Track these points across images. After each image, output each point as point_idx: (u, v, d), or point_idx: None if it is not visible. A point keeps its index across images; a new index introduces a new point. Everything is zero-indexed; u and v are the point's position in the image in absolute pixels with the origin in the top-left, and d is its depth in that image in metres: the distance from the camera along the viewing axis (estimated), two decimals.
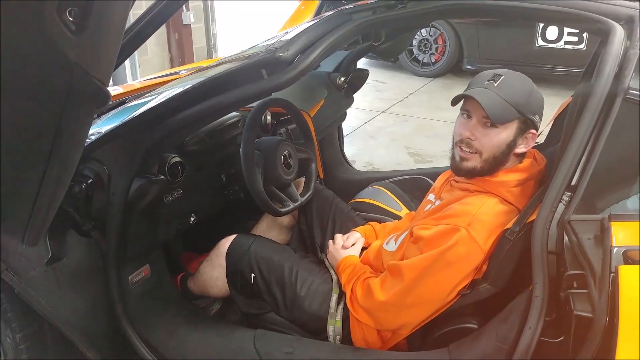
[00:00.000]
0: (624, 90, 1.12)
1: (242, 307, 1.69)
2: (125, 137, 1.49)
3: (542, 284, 1.12)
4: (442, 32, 6.22)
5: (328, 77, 2.55)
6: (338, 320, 1.53)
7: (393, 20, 1.56)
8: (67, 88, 0.90)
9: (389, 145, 4.31)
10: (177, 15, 5.55)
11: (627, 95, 1.12)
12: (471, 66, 6.06)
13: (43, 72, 0.89)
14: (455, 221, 1.36)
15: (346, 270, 1.60)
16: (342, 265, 1.63)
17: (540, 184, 1.43)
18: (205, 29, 5.99)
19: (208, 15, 5.96)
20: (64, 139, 0.97)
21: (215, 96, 1.37)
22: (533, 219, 1.22)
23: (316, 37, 1.39)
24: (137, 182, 1.47)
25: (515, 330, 1.16)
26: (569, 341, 1.08)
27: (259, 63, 1.35)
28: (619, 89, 1.13)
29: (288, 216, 2.00)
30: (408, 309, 1.41)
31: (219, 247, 1.70)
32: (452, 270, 1.36)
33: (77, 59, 0.88)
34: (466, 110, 1.43)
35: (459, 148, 1.44)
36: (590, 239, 1.06)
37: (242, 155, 1.64)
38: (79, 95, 0.92)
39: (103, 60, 0.93)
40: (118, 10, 0.90)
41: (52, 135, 0.95)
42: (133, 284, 1.64)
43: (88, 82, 0.90)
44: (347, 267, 1.60)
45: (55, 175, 1.02)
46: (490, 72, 1.41)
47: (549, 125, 1.93)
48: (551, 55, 5.53)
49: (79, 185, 1.47)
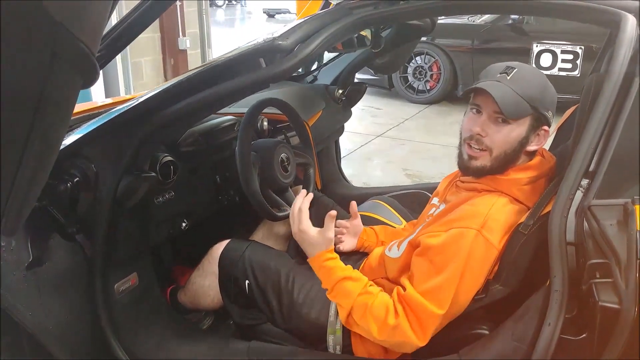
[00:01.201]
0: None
1: (235, 317, 1.59)
2: (115, 133, 1.42)
3: (561, 277, 1.04)
4: (436, 60, 6.27)
5: (326, 89, 2.52)
6: (338, 329, 1.43)
7: (394, 15, 1.51)
8: (51, 51, 0.83)
9: (385, 167, 4.26)
10: (174, 41, 5.57)
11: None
12: None
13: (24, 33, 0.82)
14: (467, 223, 1.27)
15: (333, 282, 1.35)
16: (319, 267, 1.38)
17: (552, 182, 1.36)
18: (201, 54, 6.01)
19: (204, 42, 5.99)
20: (46, 111, 0.90)
21: (211, 87, 1.30)
22: (547, 211, 1.15)
23: (316, 27, 1.34)
24: (126, 179, 1.39)
25: (533, 328, 1.07)
26: (593, 338, 0.99)
27: (257, 51, 1.29)
28: (637, 70, 1.08)
29: (285, 225, 1.91)
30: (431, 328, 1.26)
31: (211, 253, 1.61)
32: (474, 279, 1.26)
33: (62, 18, 0.81)
34: (476, 104, 1.35)
35: (468, 145, 1.36)
36: (613, 224, 0.98)
37: (238, 154, 1.57)
38: (63, 60, 0.85)
39: (89, 21, 0.86)
40: None
41: (33, 106, 0.88)
42: (119, 293, 1.55)
43: (73, 45, 0.84)
44: (335, 281, 1.34)
45: (35, 152, 0.94)
46: (502, 64, 1.34)
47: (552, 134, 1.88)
48: None
49: (64, 183, 1.39)
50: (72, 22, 0.82)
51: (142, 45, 5.29)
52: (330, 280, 1.36)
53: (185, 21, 5.69)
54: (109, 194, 1.40)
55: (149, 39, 5.40)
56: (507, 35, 5.93)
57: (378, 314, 1.27)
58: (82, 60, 0.88)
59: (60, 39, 0.83)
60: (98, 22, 0.89)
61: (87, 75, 0.92)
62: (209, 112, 1.41)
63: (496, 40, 6.01)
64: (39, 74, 0.85)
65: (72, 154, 1.41)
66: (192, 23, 5.89)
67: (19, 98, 0.88)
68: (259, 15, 19.80)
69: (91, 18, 0.87)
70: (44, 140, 0.95)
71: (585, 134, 1.09)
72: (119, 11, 4.03)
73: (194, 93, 1.32)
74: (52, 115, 0.93)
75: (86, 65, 0.90)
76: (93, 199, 1.42)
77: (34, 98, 0.88)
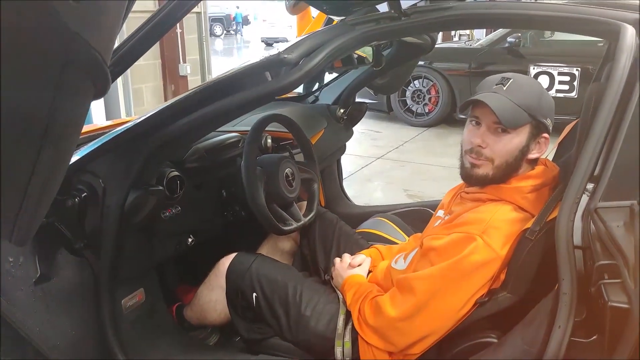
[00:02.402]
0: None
1: (243, 332, 1.58)
2: (123, 148, 1.43)
3: (569, 279, 1.04)
4: (434, 83, 6.35)
5: (328, 109, 2.54)
6: (347, 342, 1.43)
7: (396, 31, 1.54)
8: (64, 60, 0.84)
9: (386, 188, 4.28)
10: (174, 67, 5.64)
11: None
12: (464, 116, 6.12)
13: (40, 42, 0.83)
14: (469, 229, 1.29)
15: (352, 289, 1.50)
16: (347, 284, 1.54)
17: (555, 190, 1.38)
18: (201, 81, 6.07)
19: (204, 68, 6.07)
20: (59, 119, 0.91)
21: (217, 100, 1.32)
22: (553, 216, 1.16)
23: (321, 42, 1.37)
24: (134, 194, 1.41)
25: (543, 332, 1.07)
26: (603, 340, 0.99)
27: (262, 65, 1.32)
28: (638, 77, 1.10)
29: (289, 241, 1.92)
30: (421, 324, 1.31)
31: (219, 267, 1.61)
32: (467, 280, 1.27)
33: (78, 28, 0.83)
34: (475, 116, 1.37)
35: (469, 156, 1.38)
36: (619, 226, 0.99)
37: (244, 168, 1.58)
38: (77, 68, 0.86)
39: (104, 32, 0.88)
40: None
41: (46, 114, 0.89)
42: (126, 309, 1.55)
43: (87, 53, 0.85)
44: (352, 286, 1.51)
45: (48, 161, 0.95)
46: (497, 76, 1.37)
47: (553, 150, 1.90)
48: None
49: (71, 199, 1.40)
50: (87, 30, 0.84)
51: (143, 72, 5.36)
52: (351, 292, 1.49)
53: (186, 48, 5.77)
54: (117, 209, 1.41)
55: (150, 65, 5.47)
56: (504, 58, 6.02)
57: (372, 299, 1.41)
58: (96, 69, 0.89)
59: (75, 48, 0.84)
60: (112, 31, 0.91)
61: (100, 84, 0.94)
62: (216, 126, 1.43)
63: (493, 64, 6.09)
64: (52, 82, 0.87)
65: (79, 170, 1.42)
66: (193, 50, 5.97)
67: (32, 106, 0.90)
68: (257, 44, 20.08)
69: (105, 27, 0.89)
70: (56, 149, 0.96)
71: (589, 140, 1.11)
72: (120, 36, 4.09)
73: (200, 107, 1.34)
74: (65, 123, 0.94)
75: (99, 74, 0.91)
76: (100, 214, 1.43)
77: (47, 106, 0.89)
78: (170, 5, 1.43)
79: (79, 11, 0.83)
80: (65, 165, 1.03)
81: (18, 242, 1.07)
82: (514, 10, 1.49)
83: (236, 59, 15.34)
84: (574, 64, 5.68)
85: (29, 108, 0.89)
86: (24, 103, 0.88)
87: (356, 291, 1.48)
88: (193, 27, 5.94)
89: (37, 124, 0.90)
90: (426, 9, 1.54)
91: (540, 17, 1.44)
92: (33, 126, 0.90)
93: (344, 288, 1.53)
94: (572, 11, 1.40)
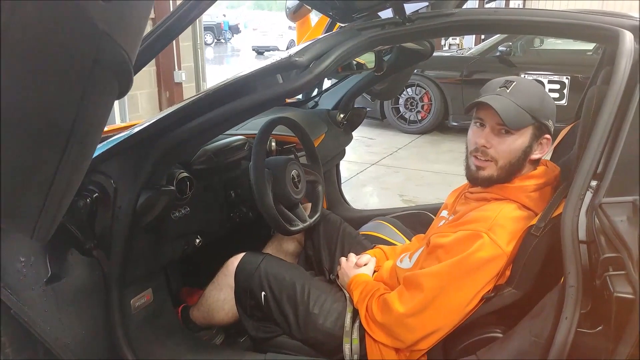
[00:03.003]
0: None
1: (250, 330, 1.60)
2: (134, 149, 1.46)
3: (575, 273, 1.08)
4: (427, 91, 6.42)
5: (328, 114, 2.58)
6: (355, 339, 1.46)
7: (401, 36, 1.59)
8: (93, 59, 0.87)
9: (381, 193, 4.32)
10: (169, 74, 5.66)
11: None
12: (456, 123, 6.23)
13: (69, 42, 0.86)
14: (475, 226, 1.33)
15: (358, 287, 1.53)
16: (353, 282, 1.57)
17: (557, 189, 1.42)
18: (196, 88, 6.10)
19: (199, 75, 6.09)
20: (85, 118, 0.94)
21: (229, 102, 1.35)
22: (558, 213, 1.20)
23: (330, 46, 1.41)
24: (146, 194, 1.43)
25: (550, 324, 1.11)
26: (609, 330, 1.03)
27: (274, 68, 1.35)
28: (638, 78, 1.15)
29: (294, 242, 1.95)
30: (428, 320, 1.34)
31: (227, 266, 1.64)
32: (474, 276, 1.31)
33: (106, 27, 0.86)
34: (479, 118, 1.41)
35: (474, 157, 1.42)
36: (623, 220, 1.03)
37: (253, 169, 1.62)
38: (104, 67, 0.89)
39: (131, 32, 0.91)
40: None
41: (73, 112, 0.92)
42: (135, 309, 1.56)
43: (115, 53, 0.88)
44: (359, 285, 1.54)
45: (73, 158, 0.97)
46: (501, 79, 1.42)
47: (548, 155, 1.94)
48: None
49: (83, 199, 1.42)
50: (115, 30, 0.87)
51: (138, 79, 5.30)
52: (358, 290, 1.52)
53: (181, 55, 5.79)
54: (128, 209, 1.43)
55: (145, 72, 5.48)
56: (495, 67, 6.11)
57: (380, 297, 1.44)
58: (122, 67, 0.92)
59: (103, 47, 0.87)
60: (138, 31, 0.94)
61: (124, 82, 0.97)
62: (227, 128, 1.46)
63: (485, 72, 6.17)
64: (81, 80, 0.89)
65: (90, 171, 1.43)
66: (187, 57, 5.99)
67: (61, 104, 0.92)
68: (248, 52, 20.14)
69: (132, 28, 0.92)
70: (81, 147, 0.98)
71: (592, 139, 1.15)
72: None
73: (212, 109, 1.37)
74: (90, 122, 0.97)
75: (124, 72, 0.94)
76: (111, 215, 1.45)
77: (75, 105, 0.91)
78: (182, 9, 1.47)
79: (108, 11, 0.86)
80: (87, 163, 1.05)
81: (39, 239, 1.09)
82: (515, 16, 1.54)
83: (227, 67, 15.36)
84: (564, 72, 5.78)
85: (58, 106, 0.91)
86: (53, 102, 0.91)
87: (363, 289, 1.51)
88: (188, 34, 5.97)
89: (64, 122, 0.92)
90: (429, 15, 1.58)
91: (541, 23, 1.49)
92: (61, 124, 0.93)
93: (351, 287, 1.56)
94: (572, 17, 1.45)
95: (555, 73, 5.82)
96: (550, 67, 5.92)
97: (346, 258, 1.69)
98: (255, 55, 19.61)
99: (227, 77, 1.48)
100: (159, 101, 5.72)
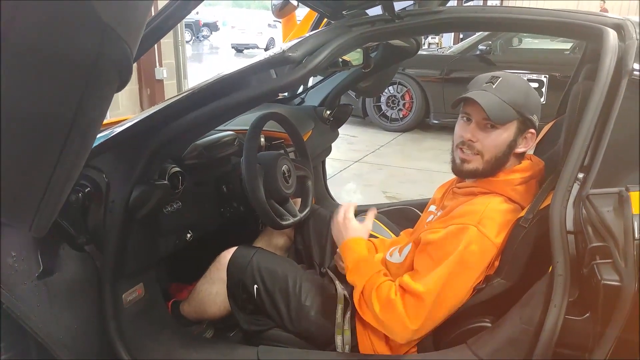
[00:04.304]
0: (629, 72, 1.19)
1: (243, 324, 1.61)
2: (127, 144, 1.46)
3: (563, 262, 1.13)
4: (408, 89, 6.48)
5: (314, 110, 2.61)
6: (347, 330, 1.48)
7: (390, 33, 1.61)
8: (97, 52, 0.88)
9: (365, 190, 4.36)
10: (150, 71, 5.61)
11: (632, 76, 1.19)
12: (437, 121, 6.31)
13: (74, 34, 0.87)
14: (464, 220, 1.36)
15: (355, 261, 1.45)
16: (348, 248, 1.49)
17: (542, 183, 1.46)
18: (177, 85, 6.06)
19: (180, 72, 6.05)
20: (86, 111, 0.94)
21: (223, 97, 1.36)
22: (546, 205, 1.24)
23: (322, 41, 1.43)
24: (139, 188, 1.43)
25: (540, 311, 1.15)
26: (596, 316, 1.07)
27: (267, 63, 1.37)
28: (624, 71, 1.19)
29: (283, 237, 1.97)
30: (428, 320, 1.34)
31: (220, 260, 1.65)
32: (469, 271, 1.34)
33: (110, 21, 0.87)
34: (466, 113, 1.45)
35: (460, 150, 1.46)
36: (610, 210, 1.08)
37: (245, 164, 1.63)
38: (107, 60, 0.90)
39: (133, 26, 0.92)
40: None
41: (75, 105, 0.92)
42: (127, 303, 1.56)
43: (119, 47, 0.89)
44: (357, 261, 1.45)
45: (74, 151, 0.98)
46: (488, 74, 1.45)
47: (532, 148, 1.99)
48: None
49: (75, 194, 1.42)
50: (118, 24, 0.88)
51: None
52: (352, 259, 1.46)
53: (162, 52, 5.75)
54: (121, 203, 1.43)
55: None
56: (475, 65, 6.19)
57: (382, 292, 1.37)
58: (123, 61, 0.93)
59: (107, 40, 0.88)
60: (140, 26, 0.95)
61: (124, 75, 0.98)
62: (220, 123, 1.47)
63: (465, 70, 6.25)
64: (85, 73, 0.90)
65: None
66: (168, 54, 5.95)
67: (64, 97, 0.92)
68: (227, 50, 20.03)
69: (135, 22, 0.93)
70: (82, 139, 0.99)
71: (579, 133, 1.19)
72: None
73: (205, 104, 1.38)
74: (91, 114, 0.97)
75: (125, 66, 0.95)
76: (104, 209, 1.45)
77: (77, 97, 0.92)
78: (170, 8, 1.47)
79: (112, 5, 0.87)
80: (86, 155, 1.06)
81: (37, 232, 1.10)
82: (502, 14, 1.58)
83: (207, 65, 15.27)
84: (542, 71, 5.89)
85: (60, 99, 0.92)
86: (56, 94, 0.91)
87: (363, 269, 1.44)
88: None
89: (66, 114, 0.93)
90: (418, 12, 1.62)
91: (527, 20, 1.53)
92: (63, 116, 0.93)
93: (344, 249, 1.51)
94: (557, 15, 1.50)
95: (533, 72, 5.92)
96: (529, 66, 6.03)
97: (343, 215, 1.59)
98: (234, 52, 19.52)
99: (217, 73, 1.49)
100: (140, 98, 5.68)
